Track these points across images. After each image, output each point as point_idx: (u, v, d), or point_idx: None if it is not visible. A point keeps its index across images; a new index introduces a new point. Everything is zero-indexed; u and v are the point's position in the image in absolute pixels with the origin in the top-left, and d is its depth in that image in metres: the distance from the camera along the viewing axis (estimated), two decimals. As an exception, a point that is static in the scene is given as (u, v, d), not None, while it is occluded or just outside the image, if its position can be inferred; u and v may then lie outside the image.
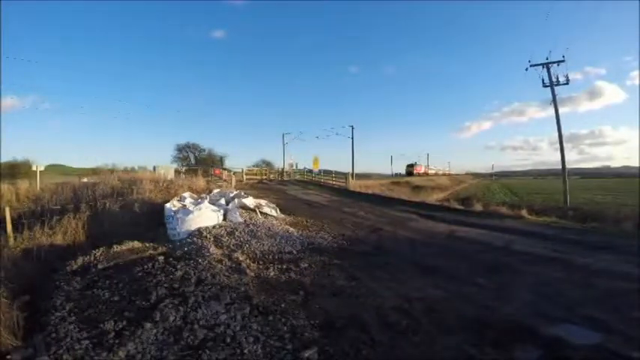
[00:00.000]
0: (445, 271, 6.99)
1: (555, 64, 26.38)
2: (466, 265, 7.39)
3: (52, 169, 30.70)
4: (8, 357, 4.10)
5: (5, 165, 41.64)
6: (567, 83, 26.53)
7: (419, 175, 78.20)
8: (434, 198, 32.21)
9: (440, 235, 10.56)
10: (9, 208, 9.83)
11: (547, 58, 26.64)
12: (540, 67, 26.92)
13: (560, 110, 26.36)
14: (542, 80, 26.86)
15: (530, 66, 27.26)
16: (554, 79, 26.42)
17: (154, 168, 28.49)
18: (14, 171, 38.79)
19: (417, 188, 44.86)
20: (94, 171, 40.19)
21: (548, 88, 26.65)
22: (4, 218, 9.19)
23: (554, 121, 26.32)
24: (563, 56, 26.39)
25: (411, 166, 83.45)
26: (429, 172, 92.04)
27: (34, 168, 23.31)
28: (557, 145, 26.51)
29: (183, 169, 30.08)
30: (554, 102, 26.34)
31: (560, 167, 26.64)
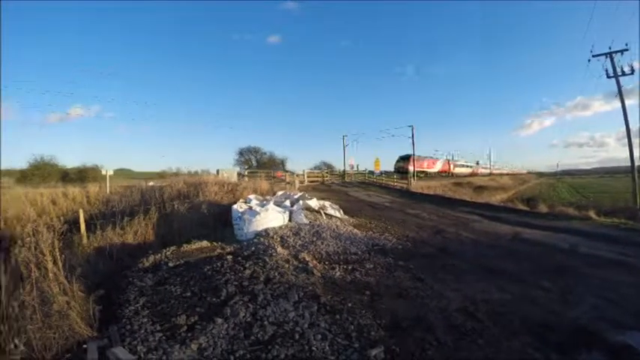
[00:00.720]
0: (510, 273, 6.85)
1: (619, 54, 25.01)
2: (531, 267, 7.22)
3: (118, 173, 31.95)
4: (85, 346, 4.31)
5: (74, 170, 43.66)
6: (632, 73, 24.84)
7: (426, 174, 52.94)
8: (497, 199, 31.66)
9: (504, 237, 10.31)
10: (82, 210, 10.31)
11: (610, 48, 25.20)
12: (603, 57, 25.51)
13: (627, 102, 24.88)
14: (606, 71, 25.49)
15: (593, 56, 25.88)
16: (618, 70, 25.03)
17: (217, 171, 28.99)
18: (83, 175, 40.70)
19: (479, 189, 44.00)
20: (159, 175, 41.61)
21: (613, 80, 25.24)
22: (78, 219, 9.63)
23: (621, 114, 25.03)
24: (627, 44, 25.12)
25: (404, 160, 50.18)
26: (455, 170, 65.08)
27: (103, 172, 24.16)
28: (625, 141, 25.20)
29: (246, 172, 30.43)
30: (620, 94, 24.92)
31: (629, 164, 25.33)
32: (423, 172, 53.28)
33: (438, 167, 59.60)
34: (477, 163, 79.88)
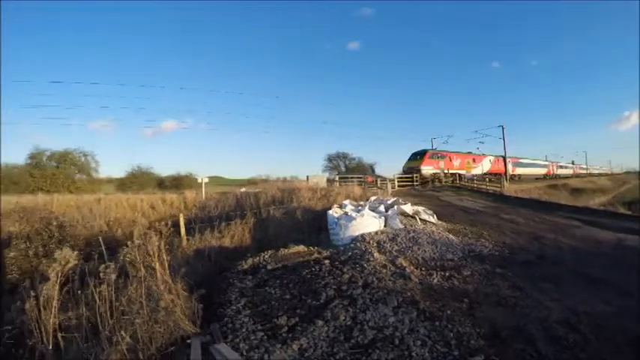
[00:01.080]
0: (613, 283, 6.50)
1: None
2: (636, 278, 6.79)
3: (211, 180, 33.23)
4: (188, 341, 4.61)
5: (169, 178, 46.27)
6: None
7: (458, 177, 37.69)
8: (595, 202, 30.11)
9: (606, 244, 9.77)
10: (182, 215, 10.88)
11: None
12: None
13: None
14: None
15: None
16: None
17: (307, 177, 29.36)
18: (178, 182, 43.05)
19: (575, 191, 41.72)
20: (249, 181, 43.00)
21: None
22: (177, 222, 10.16)
23: None
24: None
25: (419, 156, 36.84)
26: (517, 170, 49.06)
27: (199, 180, 25.20)
28: None
29: (337, 177, 30.31)
30: None
31: None
32: (453, 174, 38.21)
33: (484, 167, 43.77)
34: (572, 163, 72.56)
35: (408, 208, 12.57)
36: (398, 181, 32.62)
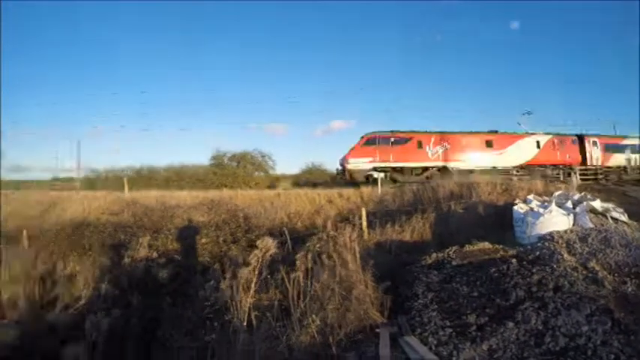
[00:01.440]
0: None
1: None
2: None
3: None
4: (377, 330, 4.92)
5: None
6: None
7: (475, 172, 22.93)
8: None
9: None
10: (364, 209, 11.44)
11: None
12: None
13: None
14: None
15: None
16: None
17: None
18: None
19: None
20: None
21: None
22: (353, 216, 10.76)
23: None
24: None
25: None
26: (604, 156, 30.36)
27: (375, 175, 25.80)
28: None
29: (514, 171, 27.80)
30: None
31: None
32: (422, 169, 25.44)
33: (522, 153, 27.61)
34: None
35: (598, 204, 11.41)
36: (580, 174, 29.01)
